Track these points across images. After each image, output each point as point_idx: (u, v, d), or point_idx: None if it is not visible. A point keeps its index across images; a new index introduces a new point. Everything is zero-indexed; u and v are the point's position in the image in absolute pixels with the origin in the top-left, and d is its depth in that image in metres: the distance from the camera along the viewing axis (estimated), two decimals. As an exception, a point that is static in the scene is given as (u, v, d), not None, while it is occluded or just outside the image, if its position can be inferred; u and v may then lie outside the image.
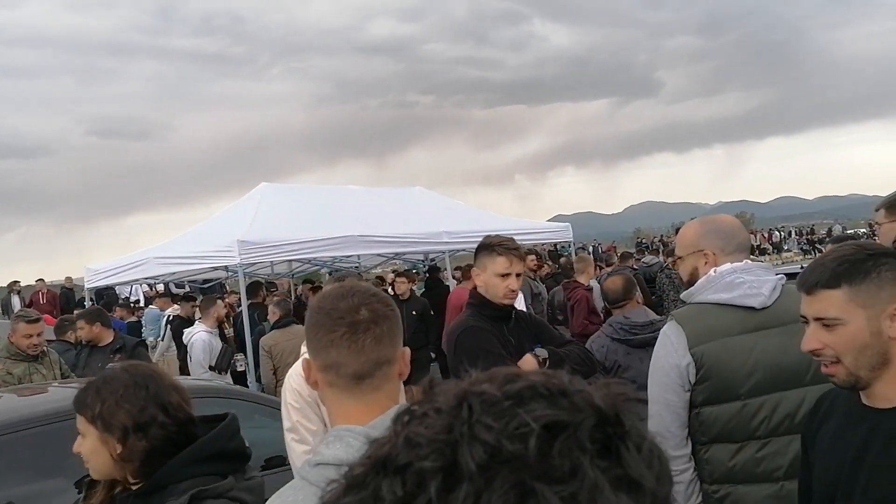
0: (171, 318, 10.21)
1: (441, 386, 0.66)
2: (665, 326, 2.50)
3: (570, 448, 0.58)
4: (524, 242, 11.41)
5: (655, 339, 4.19)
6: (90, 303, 12.72)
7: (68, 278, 19.47)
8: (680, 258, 2.61)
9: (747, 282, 2.37)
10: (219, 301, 8.17)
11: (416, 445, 0.59)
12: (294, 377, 2.84)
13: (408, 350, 1.59)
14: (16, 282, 19.43)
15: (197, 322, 7.75)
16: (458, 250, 11.80)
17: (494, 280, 3.11)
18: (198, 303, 9.51)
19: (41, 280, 19.22)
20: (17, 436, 3.45)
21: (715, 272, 2.43)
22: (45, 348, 5.69)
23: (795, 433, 2.12)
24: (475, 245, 3.29)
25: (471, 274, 10.78)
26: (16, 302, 17.88)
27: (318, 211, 10.90)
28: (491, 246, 3.14)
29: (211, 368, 7.27)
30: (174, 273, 11.11)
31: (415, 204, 12.62)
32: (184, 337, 7.60)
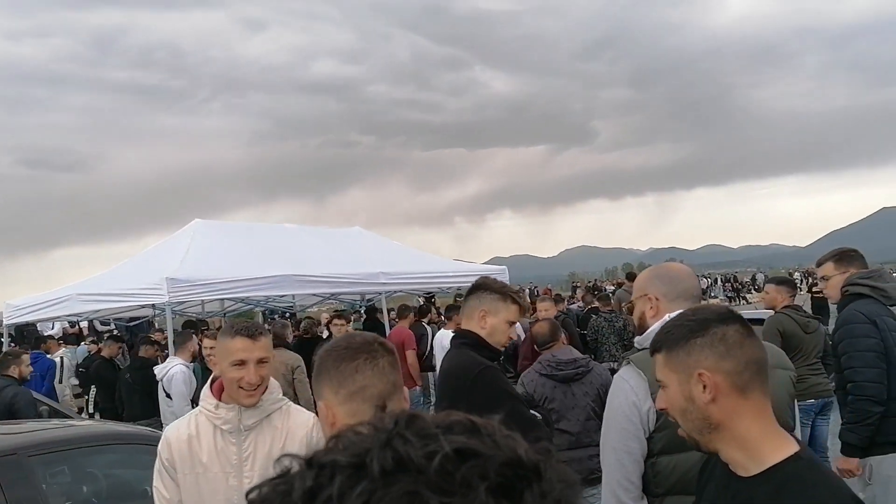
0: (88, 355, 9.70)
1: (391, 411, 0.72)
2: (621, 371, 2.43)
3: (473, 475, 0.60)
4: (461, 285, 11.40)
5: (578, 374, 4.77)
6: (9, 340, 12.12)
7: (-13, 313, 18.55)
8: (632, 303, 2.64)
9: None
10: (194, 336, 8.02)
11: (341, 449, 0.64)
12: (161, 438, 2.70)
13: (407, 390, 1.80)
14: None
15: (171, 357, 7.56)
16: (395, 291, 11.60)
17: (503, 326, 3.10)
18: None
19: (-43, 315, 18.23)
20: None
21: (669, 318, 2.36)
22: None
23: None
24: (413, 286, 3.30)
25: (407, 315, 10.61)
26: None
27: (252, 249, 10.71)
28: (504, 293, 3.14)
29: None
30: (98, 311, 10.73)
31: (353, 244, 12.51)
32: (157, 372, 7.34)
